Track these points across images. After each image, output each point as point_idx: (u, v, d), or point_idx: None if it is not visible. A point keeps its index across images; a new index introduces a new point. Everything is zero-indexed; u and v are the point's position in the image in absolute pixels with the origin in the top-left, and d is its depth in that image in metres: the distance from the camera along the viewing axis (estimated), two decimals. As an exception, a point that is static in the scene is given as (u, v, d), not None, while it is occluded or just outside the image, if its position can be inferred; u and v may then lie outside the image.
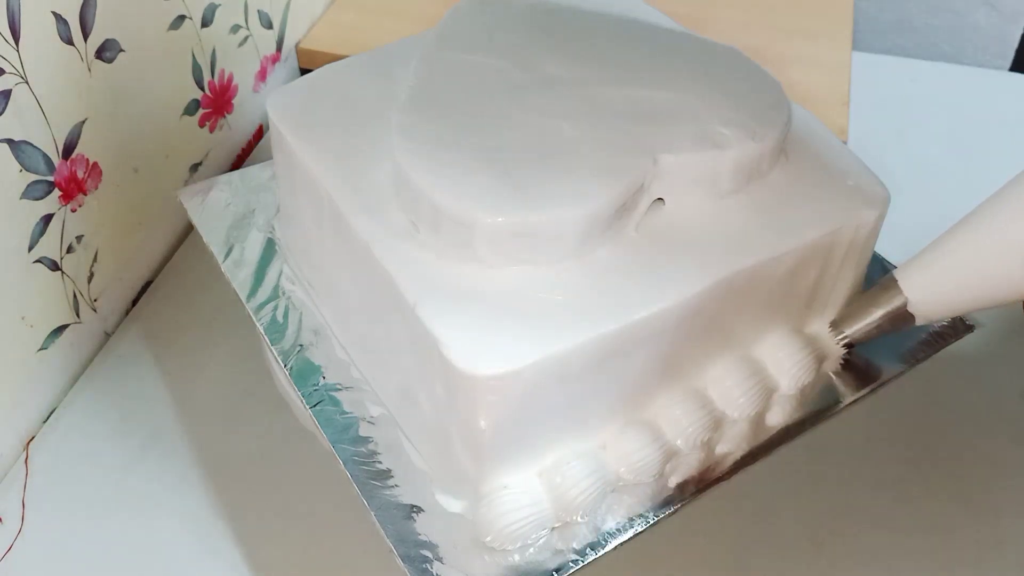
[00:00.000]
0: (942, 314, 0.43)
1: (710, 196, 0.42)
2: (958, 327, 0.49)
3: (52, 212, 0.51)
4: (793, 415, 0.44)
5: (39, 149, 0.49)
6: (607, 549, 0.39)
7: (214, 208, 0.55)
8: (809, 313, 0.46)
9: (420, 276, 0.38)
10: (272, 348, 0.48)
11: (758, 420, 0.44)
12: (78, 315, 0.55)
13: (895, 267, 0.50)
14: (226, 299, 0.53)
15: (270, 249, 0.53)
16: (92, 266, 0.56)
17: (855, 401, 0.46)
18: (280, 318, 0.49)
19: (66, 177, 0.52)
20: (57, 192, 0.51)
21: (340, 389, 0.46)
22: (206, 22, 0.63)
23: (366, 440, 0.43)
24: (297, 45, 0.77)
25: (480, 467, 0.38)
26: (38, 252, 0.51)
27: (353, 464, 0.42)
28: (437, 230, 0.39)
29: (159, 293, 0.61)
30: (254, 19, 0.69)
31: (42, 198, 0.50)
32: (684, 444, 0.42)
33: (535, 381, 0.37)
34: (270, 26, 0.72)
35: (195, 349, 0.57)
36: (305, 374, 0.46)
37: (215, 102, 0.66)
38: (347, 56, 0.50)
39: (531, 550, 0.39)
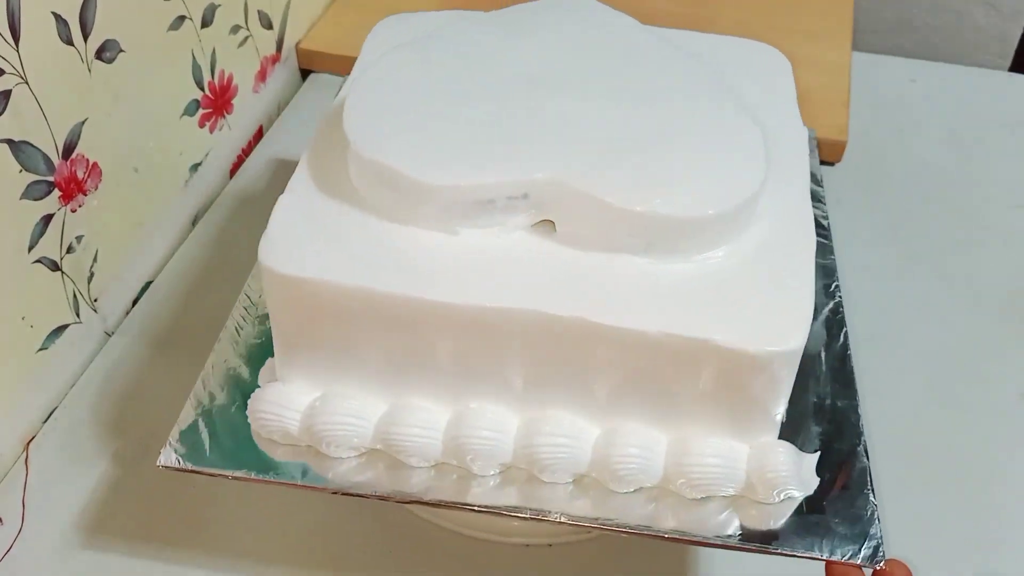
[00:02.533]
0: None
1: (604, 245, 0.40)
2: None
3: (52, 212, 0.51)
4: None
5: (39, 149, 0.49)
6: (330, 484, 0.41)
7: None
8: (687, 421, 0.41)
9: (315, 204, 0.42)
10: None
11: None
12: (78, 315, 0.55)
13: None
14: (226, 299, 0.53)
15: None
16: (92, 266, 0.56)
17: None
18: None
19: (66, 177, 0.52)
20: (57, 192, 0.51)
21: None
22: (206, 22, 0.63)
23: None
24: (297, 45, 0.77)
25: (278, 353, 0.43)
26: (38, 252, 0.51)
27: None
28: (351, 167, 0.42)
29: (159, 293, 0.61)
30: (254, 19, 0.69)
31: (42, 198, 0.50)
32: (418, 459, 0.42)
33: (318, 296, 0.39)
34: (270, 26, 0.72)
35: (195, 349, 0.57)
36: None
37: (215, 102, 0.66)
38: (346, 56, 0.49)
39: (281, 448, 0.42)
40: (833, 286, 0.50)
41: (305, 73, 0.78)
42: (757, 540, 0.39)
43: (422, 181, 0.40)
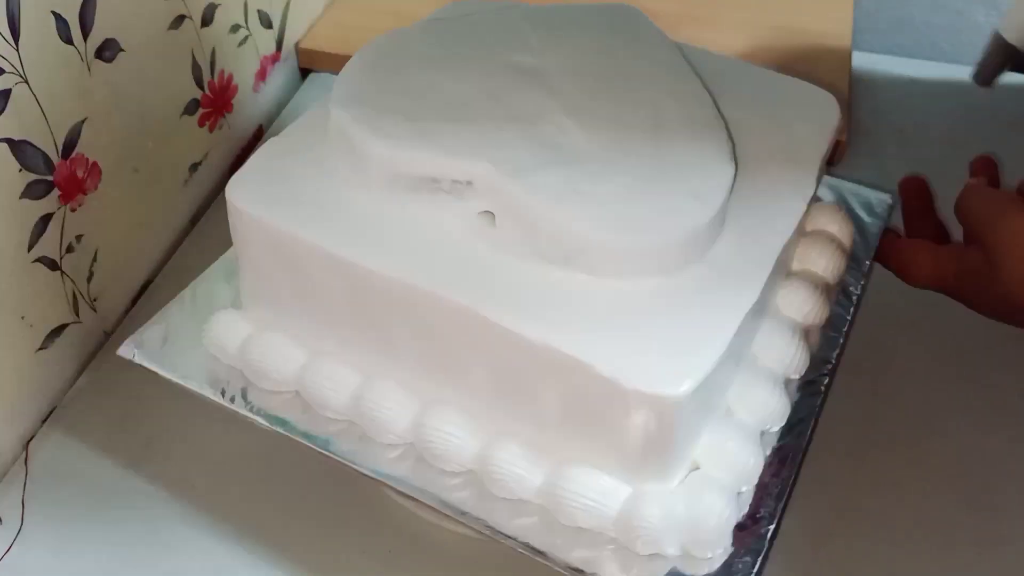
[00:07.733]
0: None
1: (528, 248, 0.40)
2: None
3: (52, 212, 0.51)
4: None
5: (39, 149, 0.49)
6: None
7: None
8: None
9: (296, 154, 0.44)
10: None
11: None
12: (78, 315, 0.55)
13: None
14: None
15: None
16: (92, 266, 0.56)
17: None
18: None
19: (66, 177, 0.52)
20: (57, 192, 0.51)
21: None
22: (206, 22, 0.63)
23: None
24: (297, 45, 0.77)
25: (241, 283, 0.46)
26: (38, 252, 0.51)
27: None
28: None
29: (159, 293, 0.61)
30: (254, 19, 0.69)
31: (42, 198, 0.50)
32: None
33: (265, 236, 0.42)
34: (270, 26, 0.72)
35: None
36: None
37: (215, 102, 0.66)
38: (346, 56, 0.50)
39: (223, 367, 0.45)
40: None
41: (305, 72, 0.78)
42: None
43: (367, 146, 0.41)
